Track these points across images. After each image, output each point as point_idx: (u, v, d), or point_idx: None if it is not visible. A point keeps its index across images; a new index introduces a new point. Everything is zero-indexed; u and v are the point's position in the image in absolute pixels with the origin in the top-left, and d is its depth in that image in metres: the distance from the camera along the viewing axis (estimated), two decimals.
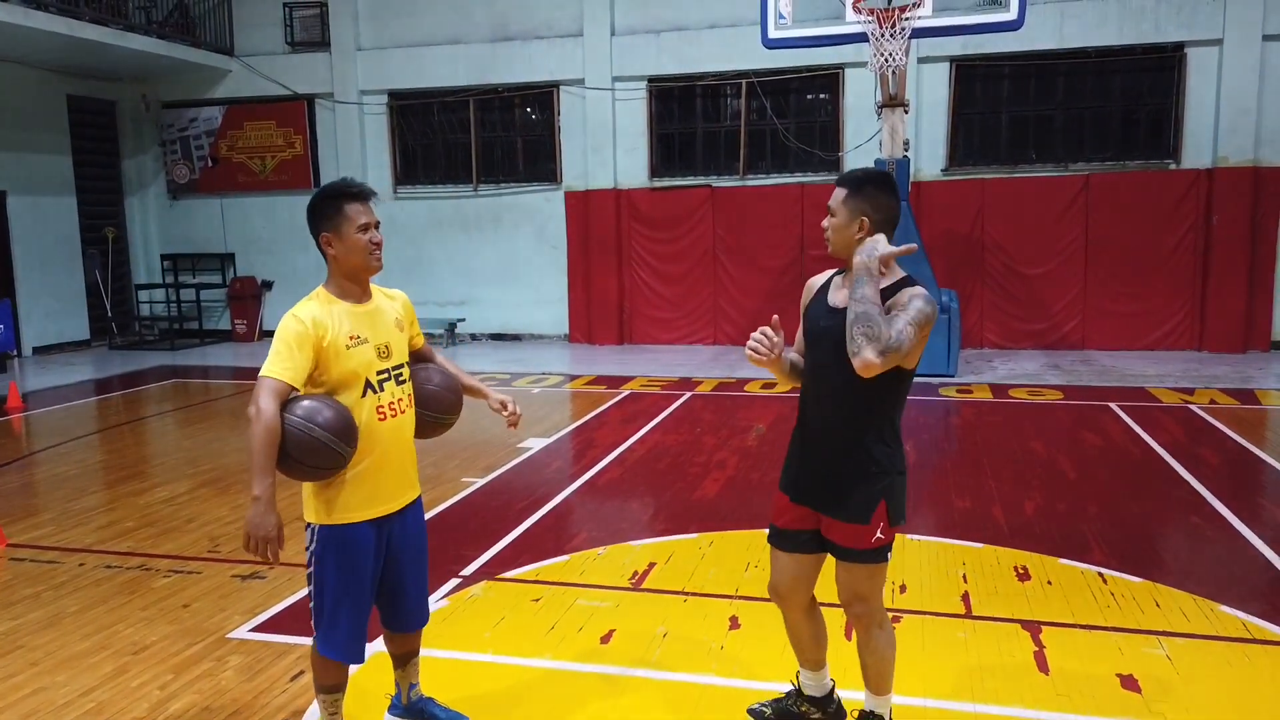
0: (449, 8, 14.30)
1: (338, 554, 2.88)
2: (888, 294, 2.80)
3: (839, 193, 2.90)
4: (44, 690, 3.71)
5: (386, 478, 2.94)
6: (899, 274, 2.90)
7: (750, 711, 3.34)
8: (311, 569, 2.93)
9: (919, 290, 2.81)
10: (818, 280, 3.09)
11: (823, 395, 2.92)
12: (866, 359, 2.64)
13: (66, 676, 3.83)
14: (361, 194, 2.88)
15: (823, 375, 2.91)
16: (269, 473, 2.69)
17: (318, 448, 2.69)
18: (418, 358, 3.18)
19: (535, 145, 14.51)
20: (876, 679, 3.05)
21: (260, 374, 2.75)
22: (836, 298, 2.93)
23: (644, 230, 13.91)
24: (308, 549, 2.94)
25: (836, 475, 2.90)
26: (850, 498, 2.87)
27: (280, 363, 2.74)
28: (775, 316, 2.93)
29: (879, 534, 2.88)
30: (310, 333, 2.76)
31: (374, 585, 2.98)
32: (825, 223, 2.94)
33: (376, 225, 2.90)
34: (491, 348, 14.10)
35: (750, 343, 2.91)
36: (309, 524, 2.93)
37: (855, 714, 3.17)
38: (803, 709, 3.27)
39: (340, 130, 14.83)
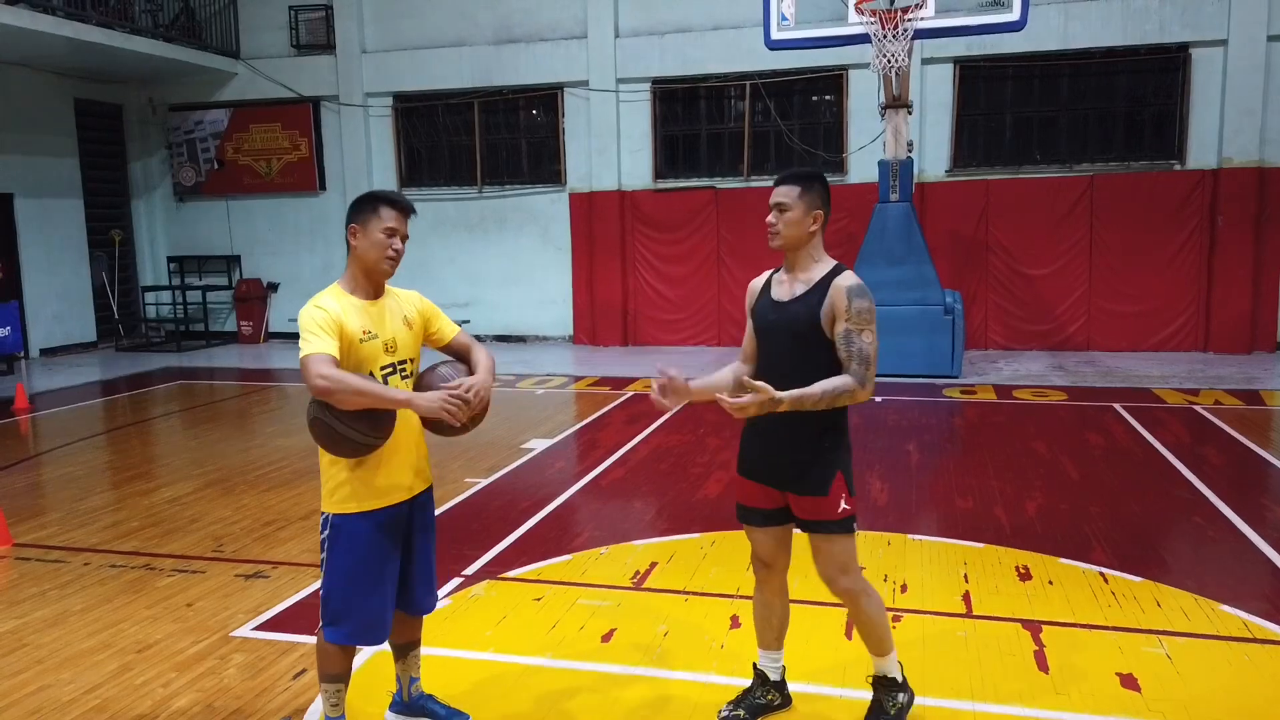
0: (453, 10, 14.34)
1: (350, 542, 2.98)
2: (822, 284, 3.05)
3: (791, 189, 3.08)
4: (49, 688, 3.74)
5: (396, 468, 3.03)
6: (829, 263, 3.11)
7: (725, 718, 3.35)
8: (324, 556, 3.03)
9: (850, 282, 3.03)
10: (758, 281, 3.31)
11: (776, 382, 3.03)
12: (868, 395, 3.00)
13: (71, 674, 3.85)
14: (400, 204, 3.01)
15: (776, 364, 3.11)
16: (385, 389, 2.85)
17: (360, 413, 2.79)
18: (451, 352, 3.20)
19: (539, 147, 14.54)
20: (877, 643, 3.23)
21: (302, 356, 2.81)
22: (780, 292, 3.16)
23: (648, 232, 13.93)
24: (322, 537, 3.04)
25: (795, 454, 3.10)
26: (810, 473, 3.08)
27: (318, 340, 2.82)
28: (663, 369, 3.16)
29: (843, 504, 3.09)
30: (333, 319, 2.88)
31: (393, 572, 3.06)
32: (774, 218, 3.09)
33: (403, 238, 3.00)
34: (496, 349, 14.07)
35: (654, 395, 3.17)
36: (324, 514, 3.03)
37: (869, 679, 3.32)
38: (769, 697, 3.40)
39: (345, 132, 14.88)
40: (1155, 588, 4.52)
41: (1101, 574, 4.71)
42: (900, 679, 3.29)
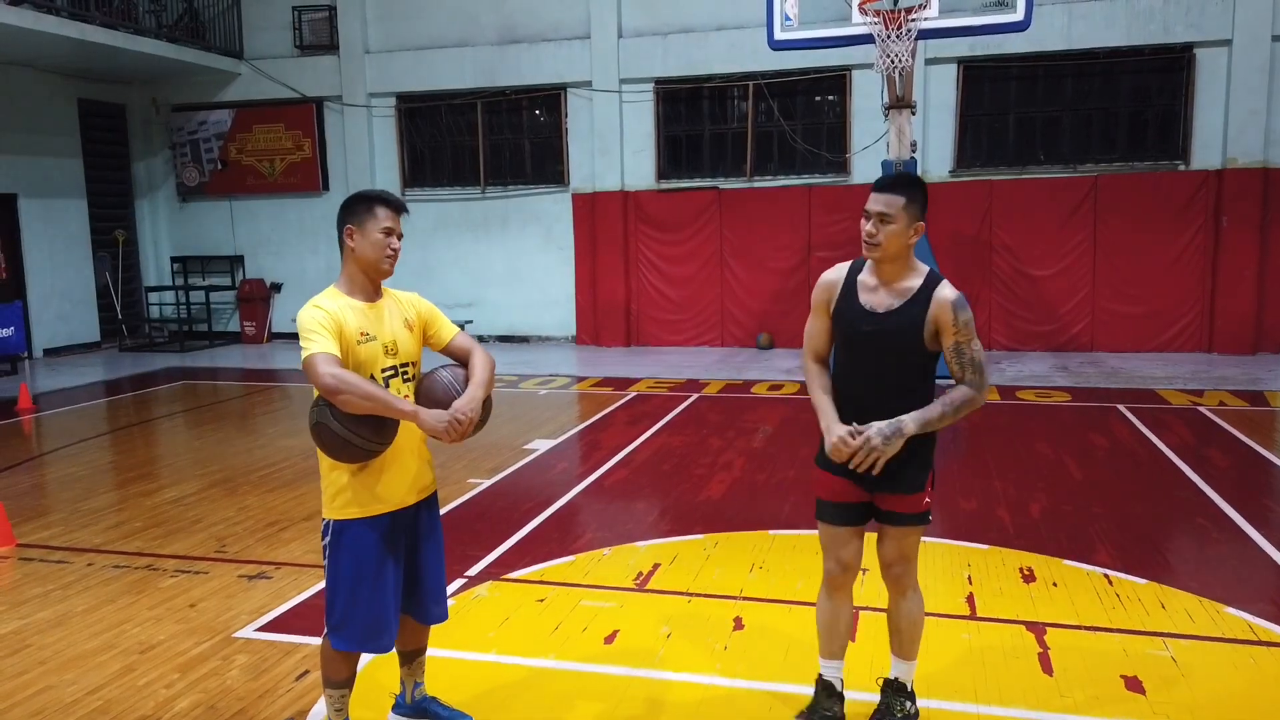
0: (457, 10, 14.34)
1: (352, 548, 2.96)
2: (921, 297, 2.99)
3: (895, 199, 2.93)
4: (52, 689, 3.74)
5: (398, 474, 3.01)
6: (922, 271, 3.03)
7: None
8: (326, 563, 3.01)
9: (954, 295, 2.99)
10: (837, 277, 3.15)
11: (873, 387, 3.06)
12: (985, 398, 3.04)
13: (74, 675, 3.85)
14: (394, 202, 3.03)
15: (871, 371, 3.06)
16: (393, 398, 2.83)
17: (364, 418, 2.78)
18: (451, 355, 3.15)
19: (542, 147, 14.54)
20: (910, 643, 3.24)
21: (305, 357, 2.80)
22: (873, 301, 3.04)
23: (651, 232, 13.93)
24: (323, 543, 3.02)
25: (894, 457, 2.99)
26: (907, 471, 3.05)
27: (319, 340, 2.81)
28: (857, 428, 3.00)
29: (926, 499, 3.12)
30: (333, 319, 2.87)
31: (396, 578, 3.04)
32: (874, 228, 2.95)
33: (399, 236, 3.02)
34: (499, 349, 14.12)
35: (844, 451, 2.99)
36: (324, 519, 3.02)
37: (880, 681, 3.31)
38: (835, 710, 3.25)
39: (349, 133, 14.90)
40: (1160, 590, 4.51)
41: (1106, 576, 4.70)
42: (912, 691, 3.28)
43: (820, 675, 3.28)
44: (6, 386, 11.11)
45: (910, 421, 2.91)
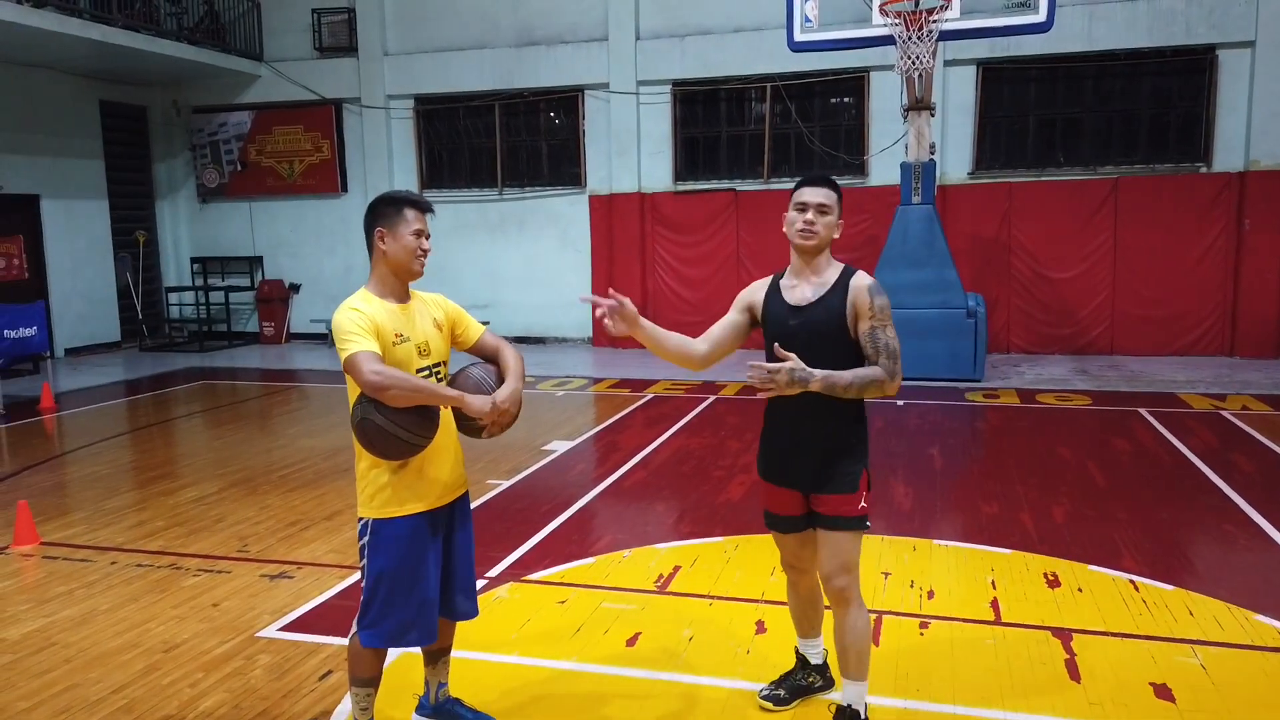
0: (475, 13, 14.38)
1: (391, 546, 2.98)
2: (839, 286, 3.12)
3: (831, 193, 3.16)
4: (77, 687, 3.76)
5: (436, 471, 3.04)
6: (839, 265, 3.20)
7: (766, 697, 3.47)
8: (364, 562, 3.03)
9: (869, 281, 3.11)
10: (761, 284, 3.32)
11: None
12: (896, 388, 3.05)
13: (99, 673, 3.87)
14: (423, 204, 3.06)
15: None
16: (438, 387, 2.92)
17: (409, 413, 2.81)
18: (479, 353, 3.20)
19: (560, 149, 14.56)
20: (857, 661, 3.17)
21: (347, 357, 2.81)
22: (794, 297, 3.19)
23: (668, 234, 13.91)
24: (361, 543, 3.04)
25: (824, 455, 3.12)
26: (838, 471, 3.11)
27: (360, 339, 2.83)
28: (615, 293, 3.24)
29: (863, 502, 3.13)
30: (370, 320, 2.90)
31: (435, 576, 3.06)
32: (814, 218, 3.12)
33: (428, 237, 3.05)
34: None
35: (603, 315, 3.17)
36: (361, 519, 3.04)
37: (832, 707, 3.31)
38: (810, 679, 3.53)
39: (367, 134, 14.95)
40: (1187, 596, 4.46)
41: (1132, 581, 4.65)
42: (866, 717, 3.19)
43: (796, 648, 3.57)
44: (29, 386, 11.20)
45: (819, 375, 2.95)
